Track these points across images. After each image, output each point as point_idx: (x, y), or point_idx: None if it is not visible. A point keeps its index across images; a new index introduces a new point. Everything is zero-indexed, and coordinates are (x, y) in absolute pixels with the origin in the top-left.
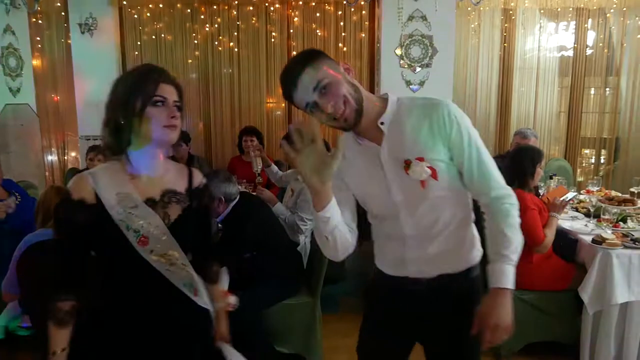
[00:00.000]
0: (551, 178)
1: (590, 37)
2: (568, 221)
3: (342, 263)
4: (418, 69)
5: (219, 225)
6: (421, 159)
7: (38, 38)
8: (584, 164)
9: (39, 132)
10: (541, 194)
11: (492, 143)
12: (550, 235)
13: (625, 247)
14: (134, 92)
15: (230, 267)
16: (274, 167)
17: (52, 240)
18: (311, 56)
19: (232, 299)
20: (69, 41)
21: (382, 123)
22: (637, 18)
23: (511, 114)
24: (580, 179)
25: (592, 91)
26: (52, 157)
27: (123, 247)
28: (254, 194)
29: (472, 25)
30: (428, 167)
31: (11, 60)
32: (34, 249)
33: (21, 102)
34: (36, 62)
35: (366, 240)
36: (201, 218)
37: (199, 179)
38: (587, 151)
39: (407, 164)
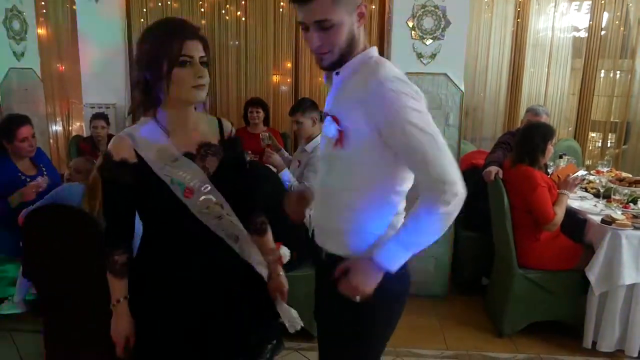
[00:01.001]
0: (561, 157)
1: (606, 17)
2: (577, 201)
3: None
4: (429, 41)
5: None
6: (335, 119)
7: (43, 3)
8: (590, 147)
9: (43, 98)
10: (550, 173)
11: (502, 120)
12: (560, 213)
13: (635, 228)
14: (159, 52)
15: None
16: (284, 152)
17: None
18: None
19: (284, 251)
20: (74, 7)
21: (337, 73)
22: None
23: (522, 92)
24: (588, 162)
25: (603, 74)
26: (56, 126)
27: (170, 201)
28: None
29: (486, 0)
30: (338, 129)
31: (15, 23)
32: (37, 213)
33: (25, 67)
34: (41, 28)
35: None
36: (238, 168)
37: (229, 128)
38: (594, 134)
39: (324, 117)
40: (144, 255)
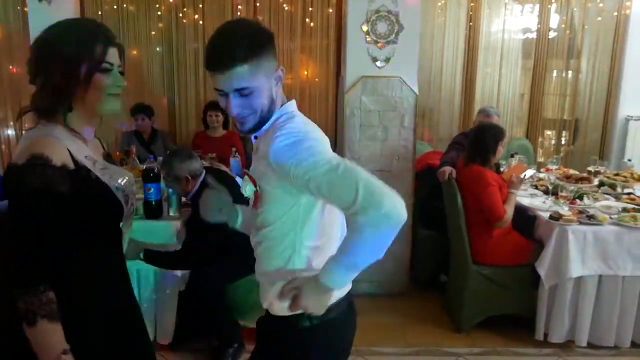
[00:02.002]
0: (512, 156)
1: (554, 19)
2: (527, 198)
3: None
4: (384, 46)
5: (189, 201)
6: (252, 180)
7: None
8: (545, 145)
9: None
10: (502, 171)
11: (457, 121)
12: (509, 210)
13: (581, 223)
14: (79, 54)
15: (202, 242)
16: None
17: (22, 217)
18: (260, 47)
19: None
20: (25, 9)
21: (255, 137)
22: (598, 1)
23: (475, 93)
24: (541, 159)
25: (554, 73)
26: (8, 131)
27: (114, 209)
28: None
29: (439, 4)
30: (254, 190)
31: None
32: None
33: None
34: None
35: None
36: None
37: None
38: (548, 132)
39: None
40: (73, 287)
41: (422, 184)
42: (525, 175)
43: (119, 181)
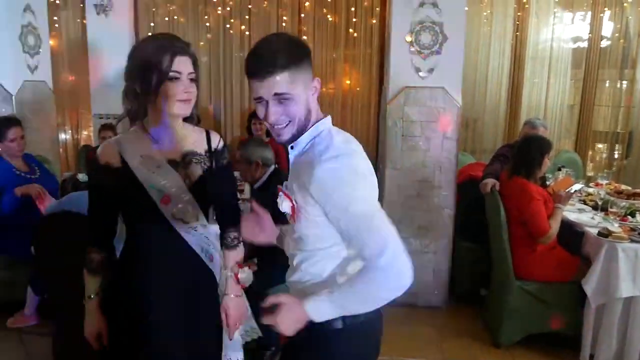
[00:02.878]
0: (559, 170)
1: (607, 28)
2: (574, 213)
3: None
4: (427, 56)
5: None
6: (287, 196)
7: (55, 18)
8: (596, 158)
9: (55, 109)
10: (548, 185)
11: (502, 132)
12: (555, 226)
13: (632, 240)
14: (150, 66)
15: None
16: None
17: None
18: (299, 57)
19: (243, 274)
20: (84, 21)
21: (291, 147)
22: None
23: (521, 104)
24: (591, 173)
25: (607, 84)
26: (66, 136)
27: (147, 206)
28: None
29: (485, 14)
30: (291, 205)
31: (30, 38)
32: (48, 220)
33: (38, 79)
34: (53, 41)
35: None
36: (222, 179)
37: (216, 140)
38: (600, 145)
39: (278, 192)
40: (123, 258)
41: (464, 196)
42: (572, 190)
43: (161, 182)
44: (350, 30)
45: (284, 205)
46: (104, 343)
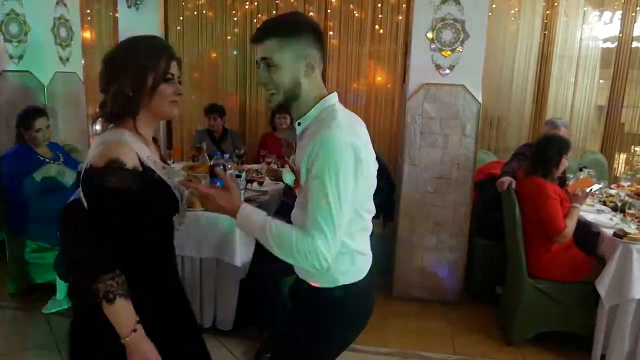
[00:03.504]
0: (581, 170)
1: (638, 28)
2: (593, 214)
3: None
4: (448, 53)
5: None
6: (292, 169)
7: (88, 11)
8: (632, 160)
9: (85, 100)
10: (567, 184)
11: (526, 132)
12: (570, 225)
13: None
14: (147, 68)
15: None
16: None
17: (102, 213)
18: (291, 30)
19: None
20: (116, 15)
21: (298, 123)
22: None
23: (547, 103)
24: (624, 175)
25: (637, 85)
26: (96, 127)
27: (173, 207)
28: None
29: (512, 12)
30: (294, 178)
31: (62, 30)
32: (72, 206)
33: (70, 71)
34: (85, 34)
35: (389, 221)
36: None
37: None
38: (632, 147)
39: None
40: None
41: (483, 194)
42: (591, 190)
43: (176, 180)
44: (376, 26)
45: (287, 178)
46: None
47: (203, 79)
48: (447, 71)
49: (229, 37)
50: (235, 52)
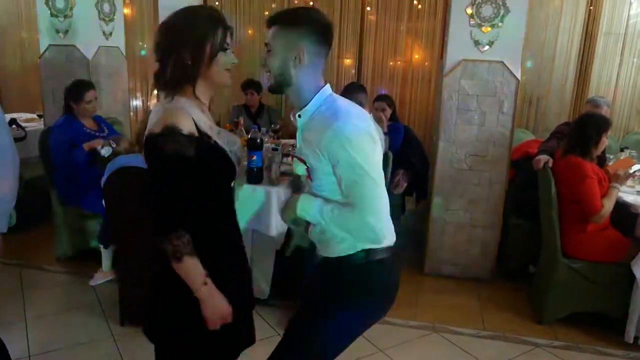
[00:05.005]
0: (622, 150)
1: None
2: (633, 195)
3: (399, 220)
4: (487, 29)
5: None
6: (302, 160)
7: None
8: None
9: (127, 73)
10: (607, 164)
11: (567, 112)
12: (608, 205)
13: None
14: (207, 37)
15: None
16: None
17: (161, 177)
18: (292, 21)
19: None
20: None
21: (299, 116)
22: None
23: (590, 83)
24: None
25: None
26: (137, 102)
27: (231, 171)
28: None
29: None
30: (306, 167)
31: (105, 6)
32: (115, 176)
33: (112, 45)
34: (127, 9)
35: (423, 199)
36: None
37: None
38: None
39: (292, 159)
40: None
41: (520, 172)
42: (631, 170)
43: (233, 147)
44: (415, 2)
45: (299, 169)
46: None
47: (240, 55)
48: (486, 47)
49: (266, 13)
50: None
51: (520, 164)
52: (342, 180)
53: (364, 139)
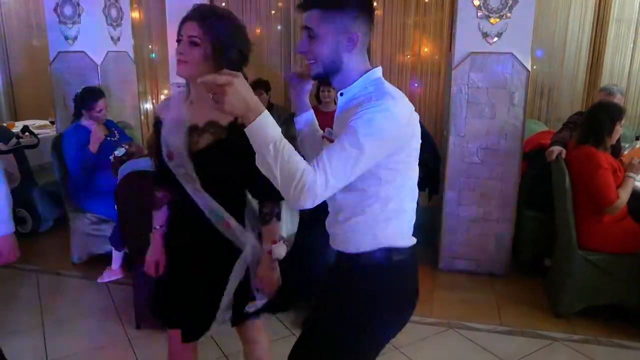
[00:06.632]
0: (638, 139)
1: None
2: None
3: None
4: (496, 20)
5: None
6: (330, 141)
7: None
8: None
9: (136, 77)
10: (621, 154)
11: (579, 101)
12: (624, 196)
13: None
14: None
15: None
16: None
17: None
18: (339, 2)
19: (278, 249)
20: None
21: (341, 94)
22: None
23: (602, 72)
24: None
25: None
26: (147, 105)
27: (164, 161)
28: None
29: None
30: None
31: (113, 11)
32: (127, 180)
33: (121, 50)
34: (134, 14)
35: (436, 194)
36: (240, 154)
37: None
38: None
39: (322, 138)
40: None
41: (533, 164)
42: None
43: (169, 142)
44: None
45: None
46: (159, 272)
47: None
48: (495, 39)
49: (272, 12)
50: (279, 27)
51: (533, 156)
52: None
53: (391, 122)
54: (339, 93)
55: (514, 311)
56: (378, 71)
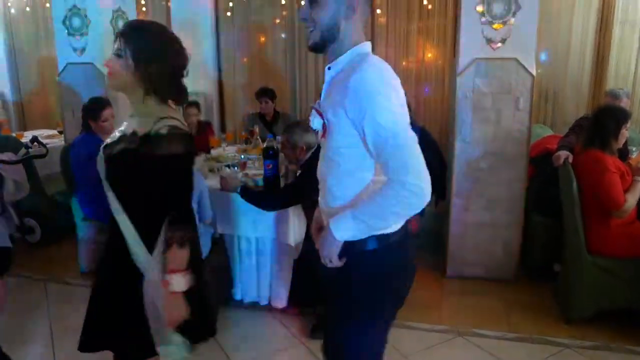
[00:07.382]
0: None
1: None
2: None
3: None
4: (499, 26)
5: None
6: (319, 113)
7: (143, 2)
8: None
9: None
10: (629, 157)
11: (584, 105)
12: (632, 200)
13: None
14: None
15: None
16: None
17: None
18: None
19: (176, 281)
20: (169, 4)
21: (329, 68)
22: None
23: (607, 74)
24: None
25: None
26: None
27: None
28: None
29: None
30: (322, 122)
31: (120, 22)
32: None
33: None
34: None
35: (442, 200)
36: (147, 168)
37: (162, 124)
38: None
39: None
40: None
41: (540, 169)
42: None
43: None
44: (425, 1)
45: (315, 122)
46: None
47: (253, 63)
48: (499, 45)
49: (277, 21)
50: (283, 35)
51: (540, 160)
52: (371, 140)
53: (382, 90)
54: (326, 67)
55: (524, 317)
56: (366, 46)
